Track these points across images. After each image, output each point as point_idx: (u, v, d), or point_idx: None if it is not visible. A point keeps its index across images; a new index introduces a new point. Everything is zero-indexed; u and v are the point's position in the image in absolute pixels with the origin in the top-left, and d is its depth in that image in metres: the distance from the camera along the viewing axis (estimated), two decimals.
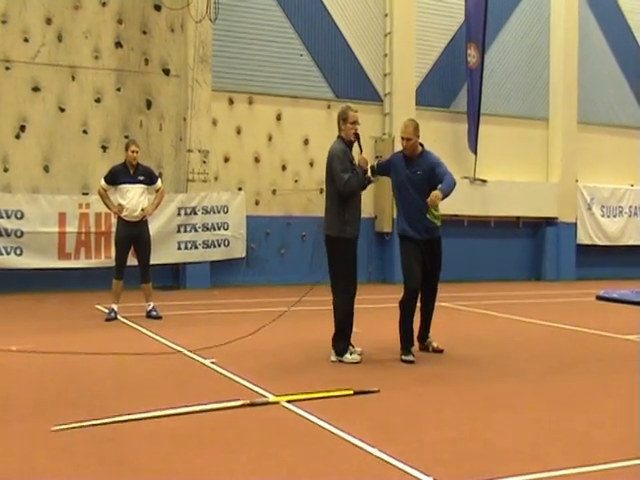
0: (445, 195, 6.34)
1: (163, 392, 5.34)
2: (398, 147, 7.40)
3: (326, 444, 4.18)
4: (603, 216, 15.99)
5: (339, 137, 6.57)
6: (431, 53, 14.64)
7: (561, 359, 6.89)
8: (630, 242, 16.20)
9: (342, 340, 6.41)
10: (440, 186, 6.35)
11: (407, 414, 4.84)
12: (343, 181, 6.29)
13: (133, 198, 8.70)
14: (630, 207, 16.27)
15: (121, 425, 4.44)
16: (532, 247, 15.62)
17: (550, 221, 15.58)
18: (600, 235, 15.92)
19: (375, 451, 4.02)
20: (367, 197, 13.73)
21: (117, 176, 8.73)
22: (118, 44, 12.39)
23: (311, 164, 13.69)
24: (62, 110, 12.08)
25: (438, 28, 14.68)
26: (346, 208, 6.37)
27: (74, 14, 12.18)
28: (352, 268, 6.41)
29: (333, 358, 6.40)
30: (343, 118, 6.48)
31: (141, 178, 8.79)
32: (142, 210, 8.74)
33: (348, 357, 6.36)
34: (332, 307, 6.48)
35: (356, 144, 6.50)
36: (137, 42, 12.50)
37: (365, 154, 6.55)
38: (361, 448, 4.09)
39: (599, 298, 11.81)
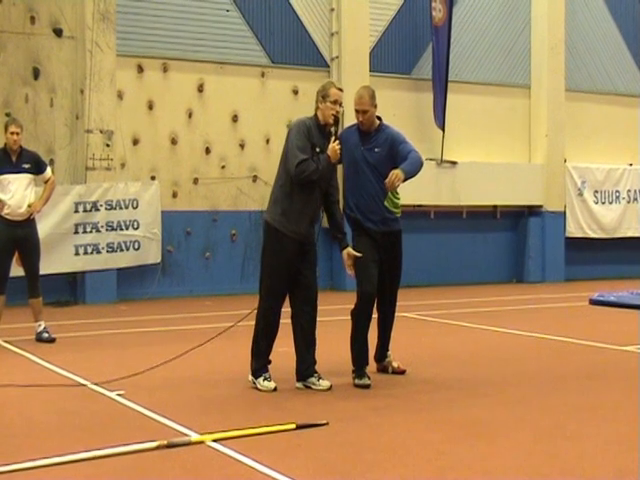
0: (408, 176, 6.33)
1: (58, 435, 5.28)
2: (348, 123, 7.46)
3: None
4: (597, 203, 16.36)
5: (314, 115, 6.52)
6: (388, 7, 14.76)
7: (547, 377, 7.03)
8: (629, 234, 16.63)
9: (256, 357, 6.46)
10: (402, 165, 6.34)
11: (360, 450, 4.89)
12: (296, 159, 6.23)
13: (17, 191, 8.58)
14: (629, 191, 16.69)
15: (5, 477, 4.38)
16: (512, 242, 15.88)
17: (534, 210, 15.86)
18: (593, 226, 16.29)
19: None
20: None
21: None
22: None
23: (241, 146, 13.67)
24: None
25: None
26: (290, 195, 6.35)
27: None
28: (282, 270, 6.39)
29: (249, 378, 6.51)
30: (323, 95, 6.45)
31: (26, 166, 8.66)
32: (29, 206, 8.63)
33: (260, 382, 6.39)
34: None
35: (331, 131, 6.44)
36: None
37: (338, 143, 6.39)
38: None
39: (593, 302, 12.10)
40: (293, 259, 6.41)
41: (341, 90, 6.52)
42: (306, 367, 6.53)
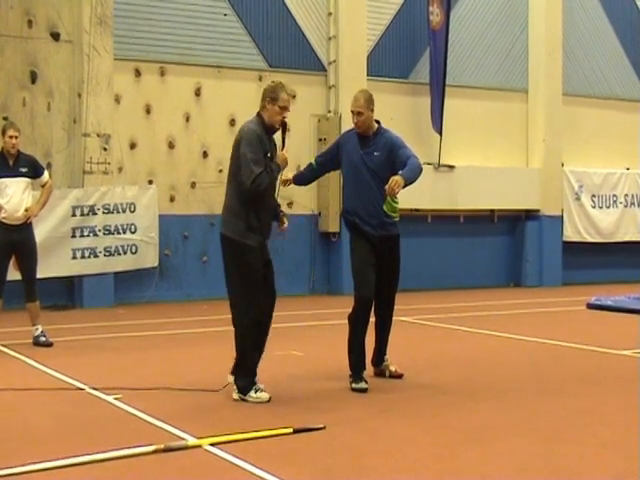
0: (408, 182, 6.36)
1: (55, 438, 5.27)
2: (345, 128, 7.47)
3: None
4: (594, 207, 16.37)
5: (259, 115, 6.33)
6: (385, 11, 14.77)
7: (544, 381, 7.04)
8: (626, 238, 16.64)
9: (245, 375, 6.21)
10: (401, 171, 6.37)
11: (358, 454, 4.88)
12: (253, 175, 6.01)
13: (14, 195, 8.59)
14: (626, 196, 16.70)
15: None
16: (510, 246, 15.89)
17: (531, 214, 15.88)
18: (591, 230, 16.30)
19: None
20: (309, 190, 13.89)
21: None
22: None
23: None
24: None
25: None
26: (254, 209, 6.15)
27: None
28: (257, 282, 6.19)
29: (235, 396, 6.25)
30: (272, 97, 6.21)
31: (23, 170, 8.67)
32: (26, 210, 8.63)
33: (252, 395, 6.19)
34: (234, 330, 6.33)
35: (279, 135, 6.29)
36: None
37: (287, 151, 6.29)
38: None
39: (590, 306, 12.10)
40: (261, 267, 6.24)
41: (292, 95, 6.39)
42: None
